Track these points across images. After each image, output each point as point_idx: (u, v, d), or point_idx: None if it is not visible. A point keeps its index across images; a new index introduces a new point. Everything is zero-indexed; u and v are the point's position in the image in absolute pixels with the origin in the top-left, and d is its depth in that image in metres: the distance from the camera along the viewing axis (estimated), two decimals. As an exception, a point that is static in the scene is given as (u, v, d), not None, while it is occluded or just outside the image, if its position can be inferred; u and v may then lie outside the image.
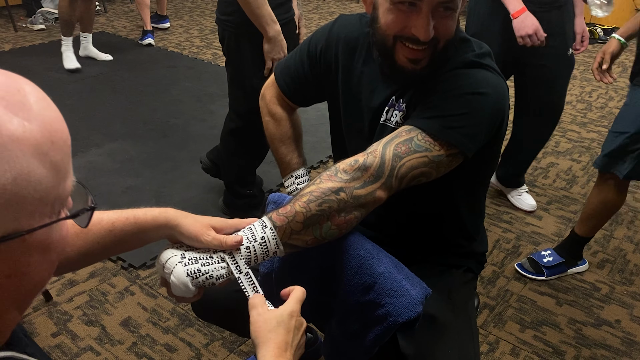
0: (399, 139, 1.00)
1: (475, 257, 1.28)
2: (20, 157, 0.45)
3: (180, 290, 0.86)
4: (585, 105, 3.73)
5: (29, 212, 0.47)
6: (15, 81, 0.50)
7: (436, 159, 0.99)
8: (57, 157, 0.49)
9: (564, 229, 2.42)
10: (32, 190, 0.46)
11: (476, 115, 1.01)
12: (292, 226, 0.94)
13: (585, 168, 2.94)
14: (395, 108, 1.12)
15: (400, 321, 0.96)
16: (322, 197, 0.95)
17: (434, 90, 1.04)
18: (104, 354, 1.70)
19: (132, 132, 3.02)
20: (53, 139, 0.49)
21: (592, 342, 1.84)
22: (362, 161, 0.98)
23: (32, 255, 0.49)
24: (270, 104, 1.33)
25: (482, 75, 1.03)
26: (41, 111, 0.49)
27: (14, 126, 0.46)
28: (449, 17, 1.00)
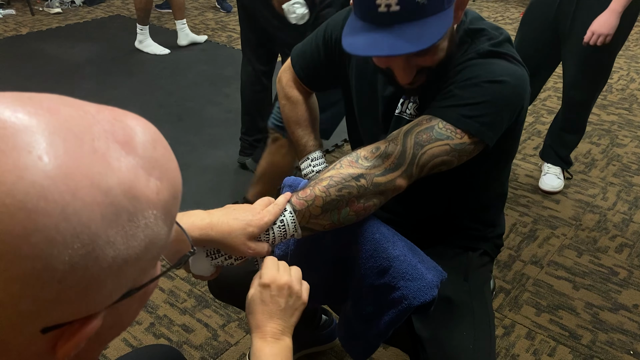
0: (420, 127, 0.99)
1: (492, 241, 1.27)
2: (154, 222, 0.42)
3: (199, 269, 0.87)
4: (606, 87, 3.66)
5: (145, 271, 0.45)
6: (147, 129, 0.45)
7: (458, 147, 0.98)
8: (175, 211, 0.46)
9: (581, 213, 2.39)
10: (154, 251, 0.44)
11: (495, 103, 0.99)
12: (311, 210, 0.94)
13: (605, 151, 2.90)
14: (411, 100, 1.11)
15: (415, 304, 0.96)
16: (342, 182, 0.95)
17: (450, 81, 1.03)
18: (122, 334, 1.73)
19: (148, 116, 2.95)
20: (176, 195, 0.46)
21: (609, 326, 1.83)
22: (384, 149, 0.97)
23: (134, 305, 0.48)
24: (286, 87, 1.33)
25: (500, 63, 1.01)
26: (166, 164, 0.45)
27: (150, 189, 0.42)
28: (431, 54, 0.98)
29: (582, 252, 2.16)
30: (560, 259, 2.12)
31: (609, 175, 2.69)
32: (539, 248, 2.18)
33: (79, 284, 0.38)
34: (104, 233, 0.38)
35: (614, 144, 2.97)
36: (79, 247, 0.37)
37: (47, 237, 0.36)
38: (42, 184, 0.36)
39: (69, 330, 0.40)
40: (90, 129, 0.40)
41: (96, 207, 0.38)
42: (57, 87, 3.28)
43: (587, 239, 2.24)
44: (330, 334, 1.68)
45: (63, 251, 0.36)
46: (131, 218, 0.40)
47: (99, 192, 0.38)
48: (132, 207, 0.40)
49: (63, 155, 0.37)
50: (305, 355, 1.66)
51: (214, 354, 1.67)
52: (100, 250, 0.38)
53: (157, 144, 0.45)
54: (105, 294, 0.41)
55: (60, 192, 0.36)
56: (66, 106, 0.41)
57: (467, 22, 1.06)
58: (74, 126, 0.39)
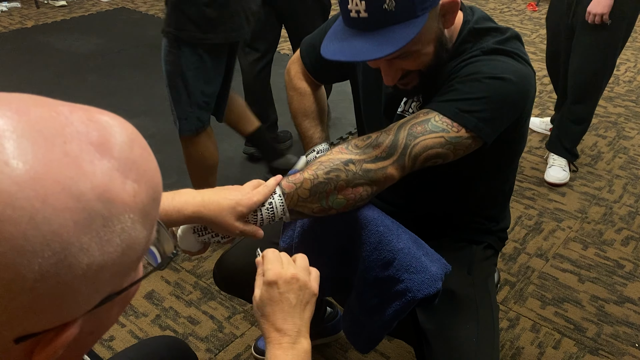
0: (416, 119, 0.99)
1: (497, 234, 1.27)
2: (130, 226, 0.41)
3: (186, 244, 0.89)
4: (613, 79, 3.63)
5: (125, 275, 0.44)
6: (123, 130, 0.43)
7: (453, 141, 0.97)
8: (154, 213, 0.45)
9: (587, 206, 2.38)
10: (133, 255, 0.43)
11: (495, 100, 0.98)
12: (299, 193, 0.95)
13: (611, 144, 2.88)
14: (414, 99, 1.11)
15: (420, 297, 0.97)
16: (330, 165, 0.96)
17: (452, 77, 1.03)
18: (128, 325, 1.74)
19: (152, 109, 3.04)
20: (155, 197, 0.44)
21: (614, 319, 1.82)
22: (375, 137, 0.98)
23: (114, 308, 0.47)
24: (294, 78, 1.33)
25: (504, 60, 1.00)
26: (144, 165, 0.43)
27: (126, 192, 0.40)
28: (413, 58, 0.99)
29: (587, 245, 2.15)
30: (566, 251, 2.12)
31: (615, 168, 2.67)
32: (545, 241, 2.18)
33: (51, 293, 0.37)
34: (76, 240, 0.37)
35: (621, 137, 2.95)
36: (50, 256, 0.36)
37: (14, 246, 0.34)
38: (8, 191, 0.34)
39: (45, 338, 0.39)
40: (62, 130, 0.38)
41: (68, 213, 0.36)
42: (62, 80, 3.29)
43: (592, 231, 2.23)
44: (334, 326, 1.68)
45: (33, 260, 0.35)
46: (106, 223, 0.39)
47: (70, 198, 0.37)
48: (107, 212, 0.39)
49: (32, 159, 0.36)
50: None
51: (219, 346, 1.68)
52: (73, 257, 0.37)
53: (134, 144, 0.43)
54: (81, 301, 0.40)
55: (29, 198, 0.35)
56: (37, 107, 0.39)
57: (472, 21, 1.05)
58: (45, 128, 0.38)
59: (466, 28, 1.04)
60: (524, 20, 4.69)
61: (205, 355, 1.65)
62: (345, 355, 1.67)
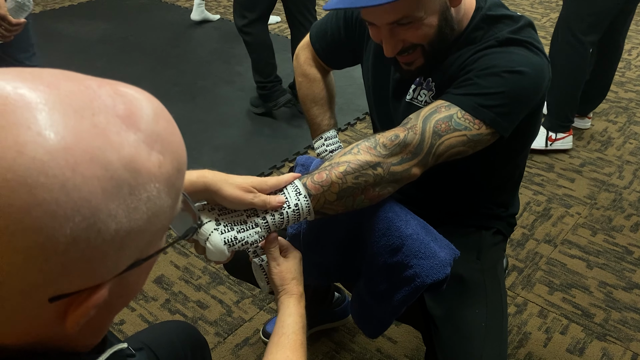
0: (439, 114, 0.98)
1: (506, 219, 1.27)
2: (156, 195, 0.43)
3: (216, 256, 0.86)
4: (624, 63, 3.59)
5: (150, 242, 0.46)
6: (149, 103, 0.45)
7: (475, 138, 0.98)
8: (179, 184, 0.47)
9: (596, 192, 2.37)
10: (159, 224, 0.45)
11: (513, 94, 0.98)
12: (327, 196, 0.94)
13: (622, 129, 2.85)
14: (424, 87, 1.10)
15: (428, 282, 0.97)
16: (359, 170, 0.94)
17: (468, 68, 1.02)
18: (138, 309, 1.76)
19: (161, 94, 2.99)
20: (180, 168, 0.46)
21: (622, 305, 1.82)
22: (403, 137, 0.97)
23: (142, 275, 0.49)
24: (304, 64, 1.33)
25: (520, 52, 1.00)
26: (169, 138, 0.45)
27: (152, 162, 0.42)
28: (414, 28, 0.98)
29: (596, 231, 2.15)
30: (574, 237, 2.11)
31: (625, 154, 2.65)
32: (553, 227, 2.17)
33: (82, 256, 0.39)
34: (105, 207, 0.39)
35: (632, 122, 2.92)
36: (80, 221, 0.38)
37: (47, 211, 0.37)
38: (42, 160, 0.36)
39: (77, 299, 0.42)
40: (91, 103, 0.41)
41: (96, 181, 0.39)
42: (70, 66, 3.26)
43: (601, 217, 2.22)
44: (343, 311, 1.69)
45: (64, 224, 0.38)
46: (132, 191, 0.41)
47: (98, 167, 0.39)
48: (134, 181, 0.41)
49: (63, 130, 0.38)
50: (318, 331, 1.69)
51: (228, 330, 1.70)
52: (102, 223, 0.39)
53: (160, 117, 0.45)
54: (110, 265, 0.42)
55: (60, 167, 0.37)
56: (67, 81, 0.41)
57: (485, 8, 1.04)
58: (74, 101, 0.40)
59: (479, 15, 1.04)
60: (534, 4, 4.63)
61: (214, 339, 1.67)
62: (353, 340, 1.68)
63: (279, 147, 2.61)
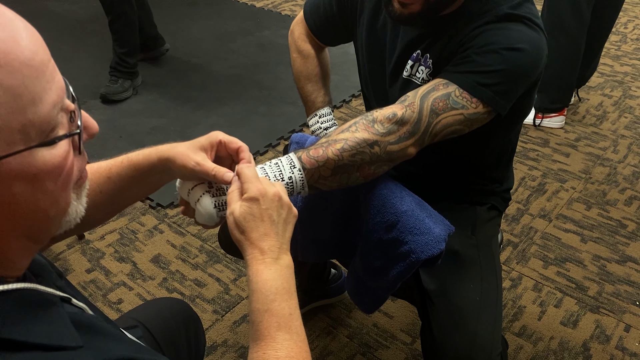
0: (437, 92, 0.98)
1: (500, 195, 1.27)
2: None
3: (204, 218, 0.86)
4: (620, 37, 3.57)
5: (9, 142, 0.45)
6: None
7: (471, 117, 0.98)
8: (10, 82, 0.46)
9: (591, 166, 2.38)
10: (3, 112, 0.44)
11: (512, 72, 0.98)
12: (322, 171, 0.94)
13: (617, 103, 2.85)
14: (421, 63, 1.09)
15: (423, 258, 0.98)
16: (356, 147, 0.94)
17: (466, 45, 1.00)
18: (136, 289, 1.77)
19: (154, 73, 3.01)
20: (1, 62, 0.45)
21: (615, 278, 1.84)
22: (401, 115, 0.96)
23: (13, 184, 0.48)
24: (298, 40, 1.31)
25: (519, 29, 0.99)
26: None
27: None
28: None
29: (591, 205, 2.16)
30: (569, 212, 2.13)
31: (620, 128, 2.65)
32: (548, 201, 2.18)
33: None
34: None
35: (627, 96, 2.92)
36: None
37: None
38: None
39: None
40: None
41: None
42: (62, 45, 3.25)
43: (596, 192, 2.23)
44: (339, 287, 1.71)
45: None
46: None
47: None
48: None
49: None
50: (315, 307, 1.70)
51: (226, 307, 1.72)
52: None
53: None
54: None
55: None
56: None
57: None
58: None
59: None
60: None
61: (212, 317, 1.68)
62: (350, 316, 1.70)
63: (274, 125, 2.60)
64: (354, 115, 2.61)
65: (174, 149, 0.79)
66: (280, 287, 0.68)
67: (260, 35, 3.48)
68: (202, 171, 0.78)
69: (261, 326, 0.66)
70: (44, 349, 0.49)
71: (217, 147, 0.82)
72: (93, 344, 0.52)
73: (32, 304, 0.51)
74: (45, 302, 0.53)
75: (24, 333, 0.48)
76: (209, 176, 0.78)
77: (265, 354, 0.64)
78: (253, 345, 0.66)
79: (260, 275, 0.69)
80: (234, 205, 0.74)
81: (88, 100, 2.72)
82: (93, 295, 1.74)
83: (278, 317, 0.66)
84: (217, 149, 0.82)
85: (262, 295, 0.67)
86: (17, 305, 0.50)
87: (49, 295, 0.54)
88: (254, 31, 3.52)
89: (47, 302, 0.53)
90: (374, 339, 1.63)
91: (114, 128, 2.52)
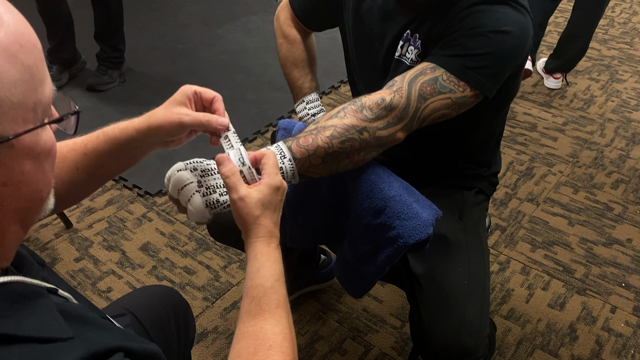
0: (424, 77, 0.97)
1: (488, 179, 1.28)
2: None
3: (197, 217, 0.86)
4: (607, 21, 3.58)
5: (10, 117, 0.47)
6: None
7: (459, 101, 0.98)
8: (28, 61, 0.49)
9: (579, 150, 2.39)
10: (8, 92, 0.46)
11: (498, 55, 0.98)
12: (312, 160, 0.93)
13: (604, 87, 2.87)
14: (411, 44, 1.09)
15: (411, 242, 0.98)
16: (345, 134, 0.94)
17: (454, 28, 1.00)
18: (125, 277, 1.77)
19: (141, 59, 2.97)
20: (21, 42, 0.48)
21: (602, 260, 1.86)
22: (389, 100, 0.96)
23: (24, 163, 0.49)
24: (284, 25, 1.30)
25: (505, 11, 0.99)
26: (2, 15, 0.48)
27: None
28: None
29: (578, 189, 2.18)
30: (557, 195, 2.14)
31: (607, 112, 2.67)
32: (536, 185, 2.20)
33: None
34: None
35: (614, 80, 2.94)
36: None
37: None
38: None
39: None
40: None
41: None
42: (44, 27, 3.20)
43: (583, 175, 2.25)
44: (329, 272, 1.71)
45: None
46: None
47: None
48: None
49: None
50: (305, 293, 1.71)
51: (216, 294, 1.72)
52: None
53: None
54: None
55: None
56: None
57: None
58: None
59: None
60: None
61: (202, 304, 1.68)
62: (340, 300, 1.71)
63: (262, 112, 2.59)
64: (343, 101, 2.60)
65: (153, 116, 0.79)
66: (281, 271, 0.72)
67: (247, 20, 3.45)
68: (192, 120, 0.78)
69: (263, 301, 0.68)
70: (35, 341, 0.49)
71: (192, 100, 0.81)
72: (83, 334, 0.52)
73: (19, 297, 0.51)
74: (33, 294, 0.53)
75: (14, 326, 0.48)
76: (201, 124, 0.78)
77: (262, 328, 0.66)
78: (249, 318, 0.68)
79: (268, 255, 0.72)
80: (243, 189, 0.74)
81: (73, 89, 2.69)
82: (82, 284, 1.73)
83: (279, 295, 0.69)
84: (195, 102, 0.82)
85: (268, 273, 0.70)
86: (5, 299, 0.50)
87: (35, 287, 0.54)
88: (241, 16, 3.49)
89: (34, 294, 0.53)
90: (364, 324, 1.64)
91: (100, 116, 2.50)
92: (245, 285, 0.71)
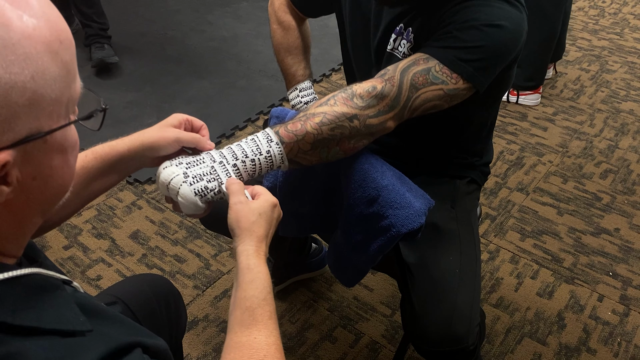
0: (417, 67, 0.97)
1: (480, 168, 1.28)
2: (35, 55, 0.46)
3: (190, 209, 0.85)
4: (598, 11, 3.59)
5: (48, 113, 0.48)
6: None
7: (451, 92, 0.98)
8: (66, 57, 0.49)
9: (568, 140, 2.41)
10: (49, 89, 0.47)
11: (492, 48, 0.97)
12: (301, 145, 0.93)
13: (594, 78, 2.88)
14: (404, 37, 1.08)
15: (403, 232, 0.98)
16: (335, 121, 0.93)
17: (448, 21, 1.00)
18: (115, 265, 1.76)
19: (130, 46, 2.94)
20: (61, 38, 0.49)
21: (590, 249, 1.88)
22: (380, 89, 0.95)
23: (54, 157, 0.50)
24: (279, 11, 1.29)
25: (500, 6, 0.98)
26: (44, 9, 0.48)
27: (24, 23, 0.45)
28: None
29: (567, 179, 2.19)
30: (546, 185, 2.16)
31: (597, 102, 2.68)
32: (525, 175, 2.21)
33: None
34: None
35: (604, 70, 2.95)
36: None
37: None
38: None
39: None
40: None
41: None
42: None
43: (572, 165, 2.27)
44: (320, 261, 1.72)
45: None
46: (5, 44, 0.44)
47: None
48: (4, 34, 0.44)
49: None
50: (296, 282, 1.71)
51: (206, 283, 1.71)
52: None
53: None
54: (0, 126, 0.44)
55: None
56: None
57: None
58: None
59: None
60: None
61: (193, 292, 1.68)
62: (331, 289, 1.71)
63: (253, 100, 2.57)
64: (335, 89, 2.59)
65: (146, 134, 0.85)
66: (271, 284, 0.74)
67: (237, 6, 3.41)
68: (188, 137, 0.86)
69: (257, 312, 0.69)
70: (56, 334, 0.49)
71: (184, 125, 0.88)
72: (100, 328, 0.52)
73: (39, 289, 0.52)
74: (51, 286, 0.53)
75: (36, 319, 0.49)
76: (195, 141, 0.86)
77: (256, 338, 0.67)
78: (242, 328, 0.68)
79: (261, 266, 0.74)
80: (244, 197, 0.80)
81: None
82: (71, 272, 1.72)
83: (271, 308, 0.71)
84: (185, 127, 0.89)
85: (262, 284, 0.71)
86: (26, 292, 0.50)
87: (52, 279, 0.54)
88: (232, 2, 3.46)
89: (52, 286, 0.54)
90: (355, 312, 1.65)
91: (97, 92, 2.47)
92: (237, 295, 0.71)
